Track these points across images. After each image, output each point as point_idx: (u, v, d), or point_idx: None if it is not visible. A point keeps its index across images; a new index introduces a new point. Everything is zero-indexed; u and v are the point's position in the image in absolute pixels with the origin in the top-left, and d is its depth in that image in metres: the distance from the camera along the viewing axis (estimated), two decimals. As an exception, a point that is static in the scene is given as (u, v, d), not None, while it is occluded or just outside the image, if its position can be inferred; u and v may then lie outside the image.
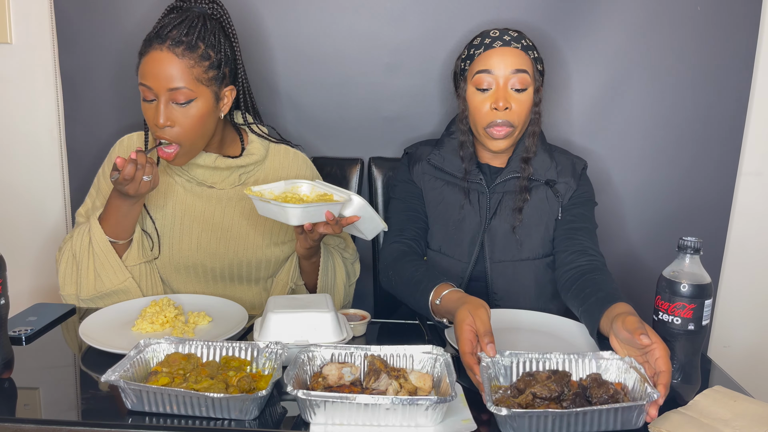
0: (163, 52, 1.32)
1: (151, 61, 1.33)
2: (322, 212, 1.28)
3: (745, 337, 1.93)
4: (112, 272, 1.39)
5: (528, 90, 1.41)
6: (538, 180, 1.48)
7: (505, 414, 0.87)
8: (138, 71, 1.36)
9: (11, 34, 1.83)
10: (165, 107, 1.33)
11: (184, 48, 1.33)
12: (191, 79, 1.34)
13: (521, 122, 1.43)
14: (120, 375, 0.95)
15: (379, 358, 1.02)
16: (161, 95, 1.33)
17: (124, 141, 1.54)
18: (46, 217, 1.94)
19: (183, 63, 1.33)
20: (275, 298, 1.21)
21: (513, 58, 1.39)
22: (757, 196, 1.84)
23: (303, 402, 0.91)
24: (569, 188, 1.49)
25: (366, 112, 1.81)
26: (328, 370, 1.00)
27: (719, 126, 1.77)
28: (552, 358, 1.03)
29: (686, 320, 1.04)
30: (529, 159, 1.47)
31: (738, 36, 1.72)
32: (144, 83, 1.34)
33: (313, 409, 0.91)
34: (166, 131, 1.35)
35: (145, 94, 1.35)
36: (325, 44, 1.77)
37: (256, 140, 1.53)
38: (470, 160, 1.49)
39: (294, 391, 0.90)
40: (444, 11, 1.74)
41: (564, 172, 1.50)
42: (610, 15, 1.71)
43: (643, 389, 0.94)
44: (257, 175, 1.53)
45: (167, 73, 1.32)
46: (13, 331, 1.21)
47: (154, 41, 1.34)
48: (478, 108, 1.42)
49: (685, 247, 1.05)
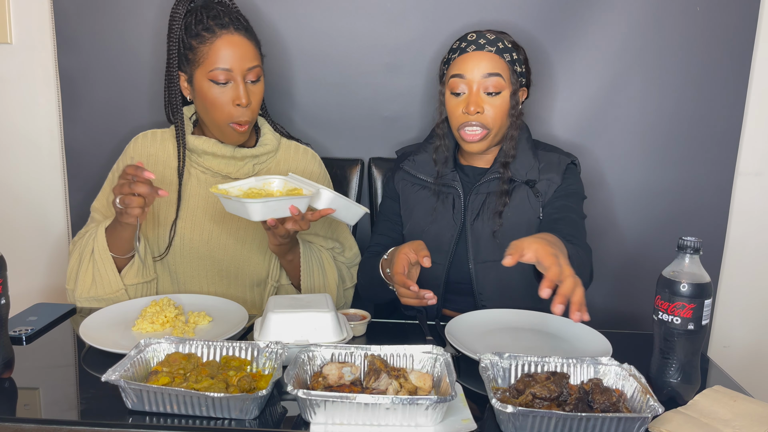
0: (234, 36, 1.40)
1: (228, 45, 1.39)
2: (286, 207, 1.26)
3: (745, 337, 1.93)
4: (107, 281, 1.40)
5: (503, 93, 1.42)
6: (518, 181, 1.48)
7: (510, 412, 0.88)
8: (198, 61, 1.40)
9: (11, 34, 1.83)
10: (244, 86, 1.41)
11: (245, 30, 1.43)
12: (259, 57, 1.45)
13: (496, 125, 1.44)
14: (120, 375, 0.95)
15: (379, 358, 1.02)
16: (238, 75, 1.40)
17: (138, 139, 1.56)
18: (46, 218, 1.94)
19: (251, 43, 1.43)
20: (275, 298, 1.22)
21: (486, 62, 1.41)
22: (755, 196, 1.84)
23: (303, 402, 0.91)
24: (552, 184, 1.48)
25: (366, 112, 1.81)
26: (328, 369, 1.00)
27: (717, 126, 1.77)
28: (550, 361, 1.03)
29: (686, 320, 1.04)
30: (508, 163, 1.47)
31: (736, 36, 1.72)
32: (222, 67, 1.39)
33: (314, 409, 0.91)
34: (245, 111, 1.41)
35: (217, 78, 1.39)
36: (325, 44, 1.77)
37: (269, 132, 1.57)
38: (444, 164, 1.52)
39: (294, 390, 0.90)
40: (444, 11, 1.74)
41: (547, 169, 1.49)
42: (609, 15, 1.71)
43: (645, 400, 0.93)
44: (269, 166, 1.55)
45: (243, 53, 1.40)
46: (14, 331, 1.21)
47: (216, 28, 1.39)
48: (452, 111, 1.45)
49: (684, 246, 1.05)
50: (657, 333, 1.08)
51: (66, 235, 1.93)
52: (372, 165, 1.81)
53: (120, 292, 1.40)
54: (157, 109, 1.80)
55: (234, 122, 1.42)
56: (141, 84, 1.80)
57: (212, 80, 1.40)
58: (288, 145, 1.60)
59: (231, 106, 1.41)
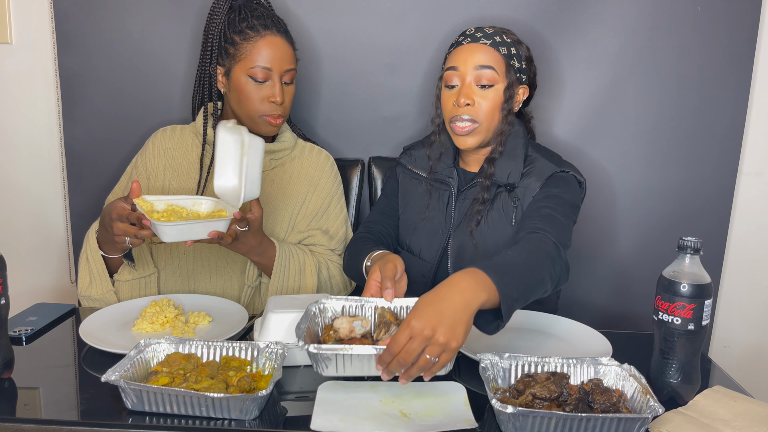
0: (277, 37, 1.46)
1: (270, 45, 1.45)
2: (198, 230, 1.22)
3: (745, 337, 1.93)
4: (99, 282, 1.41)
5: (496, 87, 1.40)
6: (500, 184, 1.43)
7: (510, 412, 0.88)
8: (239, 57, 1.45)
9: (11, 34, 1.83)
10: (280, 86, 1.47)
11: (285, 33, 1.50)
12: (295, 60, 1.51)
13: (487, 118, 1.40)
14: (120, 375, 0.95)
15: (389, 311, 1.03)
16: (276, 75, 1.46)
17: (158, 134, 1.58)
18: (46, 217, 1.94)
19: (290, 47, 1.50)
20: (275, 298, 1.22)
21: (479, 54, 1.39)
22: (757, 196, 1.84)
23: (314, 356, 0.93)
24: (528, 191, 1.40)
25: (366, 112, 1.81)
26: (339, 323, 1.02)
27: (719, 126, 1.77)
28: (550, 361, 1.03)
29: (686, 320, 1.04)
30: (494, 159, 1.43)
31: (738, 36, 1.72)
32: (263, 65, 1.44)
33: (325, 363, 0.93)
34: (279, 107, 1.47)
35: (257, 76, 1.45)
36: (325, 44, 1.77)
37: (288, 131, 1.61)
38: (439, 159, 1.51)
39: (305, 346, 0.92)
40: (444, 11, 1.74)
41: (530, 173, 1.41)
42: (610, 15, 1.71)
43: (645, 401, 0.93)
44: (285, 163, 1.58)
45: (283, 55, 1.46)
46: (13, 331, 1.21)
47: (261, 28, 1.45)
48: (445, 104, 1.44)
49: (685, 247, 1.05)
50: (657, 333, 1.08)
51: (66, 235, 1.93)
52: (372, 165, 1.81)
53: (109, 293, 1.41)
54: (157, 109, 1.80)
55: (267, 115, 1.47)
56: (141, 84, 1.80)
57: (251, 77, 1.45)
58: (304, 146, 1.63)
59: (266, 103, 1.46)
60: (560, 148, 1.71)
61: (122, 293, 1.44)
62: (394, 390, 1.02)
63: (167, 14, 1.76)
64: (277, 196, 1.55)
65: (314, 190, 1.58)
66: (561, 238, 1.24)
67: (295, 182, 1.57)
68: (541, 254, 1.17)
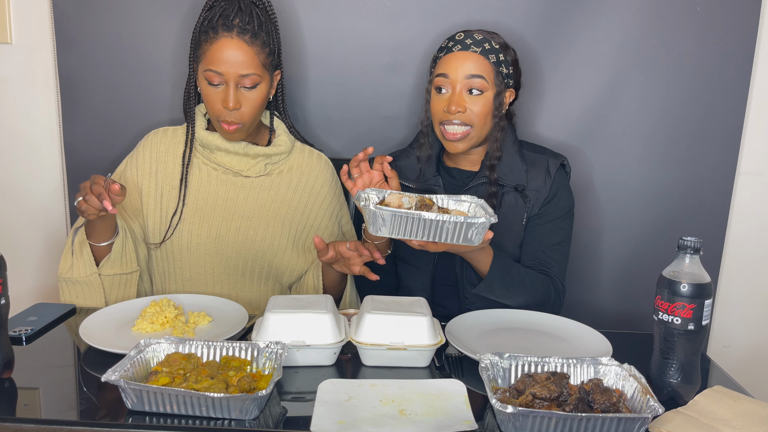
0: (233, 40, 1.39)
1: (222, 48, 1.39)
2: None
3: (745, 337, 1.93)
4: (83, 264, 1.40)
5: (486, 94, 1.43)
6: (507, 185, 1.48)
7: (510, 412, 0.88)
8: (200, 57, 1.42)
9: (11, 34, 1.83)
10: (235, 91, 1.40)
11: (250, 36, 1.40)
12: (258, 64, 1.42)
13: (479, 123, 1.44)
14: (120, 375, 0.95)
15: (429, 197, 1.25)
16: (231, 80, 1.40)
17: (150, 136, 1.57)
18: (46, 217, 1.94)
19: (251, 50, 1.40)
20: (276, 298, 1.22)
21: (469, 63, 1.42)
22: (755, 196, 1.84)
23: (373, 214, 1.13)
24: (539, 195, 1.48)
25: (366, 112, 1.81)
26: (390, 198, 1.23)
27: (718, 126, 1.77)
28: (550, 361, 1.03)
29: (686, 320, 1.04)
30: (494, 165, 1.47)
31: (737, 36, 1.72)
32: (214, 69, 1.40)
33: (383, 220, 1.13)
34: (233, 113, 1.42)
35: (211, 79, 1.41)
36: (325, 44, 1.77)
37: (284, 133, 1.58)
38: (428, 161, 1.52)
39: (366, 203, 1.16)
40: (444, 11, 1.73)
41: (534, 174, 1.49)
42: (609, 15, 1.71)
43: (645, 401, 0.93)
44: (281, 167, 1.56)
45: (239, 60, 1.39)
46: (13, 331, 1.21)
47: (220, 29, 1.39)
48: (435, 108, 1.46)
49: (685, 247, 1.05)
50: (657, 333, 1.08)
51: (66, 235, 1.93)
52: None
53: (93, 276, 1.40)
54: (157, 109, 1.80)
55: (222, 120, 1.44)
56: (141, 84, 1.80)
57: (207, 79, 1.42)
58: (302, 149, 1.61)
59: (219, 106, 1.43)
60: (560, 148, 1.70)
61: (105, 282, 1.43)
62: (394, 390, 1.02)
63: (167, 14, 1.76)
64: (275, 205, 1.54)
65: (319, 205, 1.58)
66: (562, 275, 1.49)
67: (293, 192, 1.56)
68: (541, 295, 1.43)
